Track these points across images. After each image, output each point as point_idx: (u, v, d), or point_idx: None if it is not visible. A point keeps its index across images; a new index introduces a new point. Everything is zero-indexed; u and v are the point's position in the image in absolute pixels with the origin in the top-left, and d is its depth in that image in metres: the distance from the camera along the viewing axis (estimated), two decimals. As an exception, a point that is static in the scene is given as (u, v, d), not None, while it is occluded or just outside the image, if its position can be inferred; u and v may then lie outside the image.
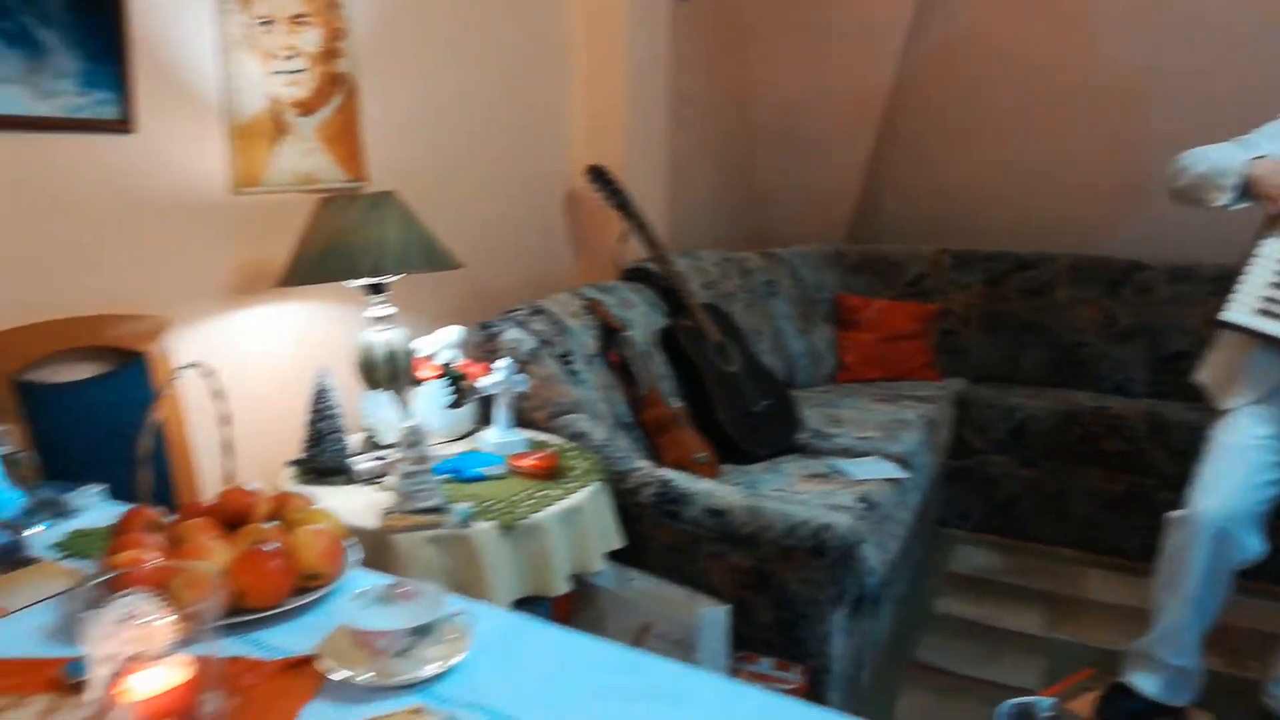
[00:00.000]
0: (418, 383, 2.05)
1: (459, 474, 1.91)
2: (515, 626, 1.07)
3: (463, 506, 1.73)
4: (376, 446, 1.94)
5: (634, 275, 3.04)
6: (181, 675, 0.81)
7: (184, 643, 0.82)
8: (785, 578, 2.02)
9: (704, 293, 3.11)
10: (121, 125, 1.68)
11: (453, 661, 0.95)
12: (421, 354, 2.10)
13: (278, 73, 1.96)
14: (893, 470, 2.56)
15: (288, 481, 1.87)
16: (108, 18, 1.63)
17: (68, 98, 1.58)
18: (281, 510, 1.20)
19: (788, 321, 3.56)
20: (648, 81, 3.16)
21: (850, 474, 2.50)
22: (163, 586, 0.89)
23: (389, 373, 1.97)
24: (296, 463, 1.90)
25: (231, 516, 1.18)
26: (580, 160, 3.05)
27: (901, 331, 3.67)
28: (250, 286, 1.99)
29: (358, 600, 0.98)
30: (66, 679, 0.92)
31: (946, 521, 3.38)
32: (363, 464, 1.88)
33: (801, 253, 3.76)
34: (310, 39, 2.03)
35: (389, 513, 1.70)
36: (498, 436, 2.09)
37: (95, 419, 1.63)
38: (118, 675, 0.80)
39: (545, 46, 2.93)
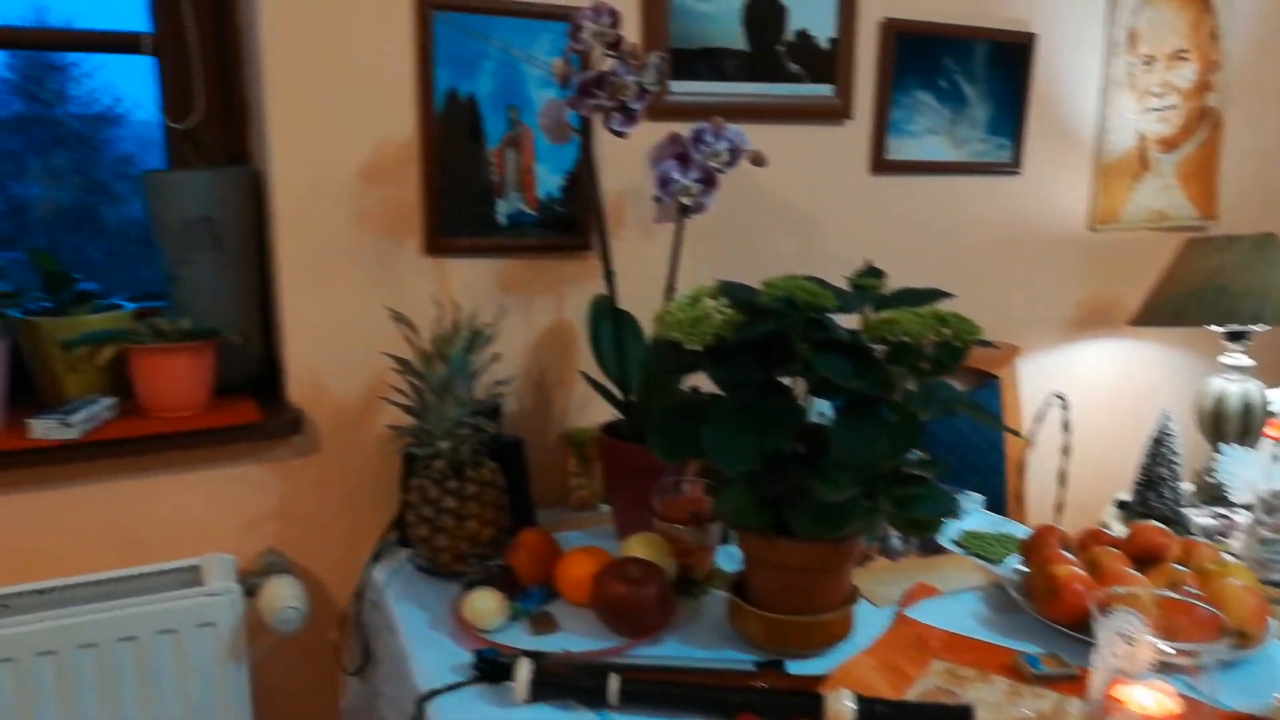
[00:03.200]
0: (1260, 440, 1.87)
1: (1317, 552, 1.68)
2: None
3: (1335, 591, 1.52)
4: (1220, 502, 1.81)
5: None
6: (1170, 704, 0.85)
7: (1172, 672, 0.85)
8: None
9: None
10: (1011, 167, 1.83)
11: None
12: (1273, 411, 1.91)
13: (1149, 110, 1.95)
14: None
15: (1112, 521, 1.86)
16: (1019, 67, 1.79)
17: (974, 144, 1.78)
18: (1191, 557, 1.19)
19: None
20: None
21: None
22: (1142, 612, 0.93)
23: (1240, 426, 1.84)
24: (1122, 504, 1.88)
25: (1139, 552, 1.20)
26: None
27: None
28: (1092, 321, 2.02)
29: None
30: (1026, 670, 1.03)
31: None
32: (1199, 518, 1.77)
33: None
34: (1185, 74, 1.97)
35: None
36: (1360, 517, 1.79)
37: (955, 430, 1.81)
38: (1110, 683, 0.87)
39: None
